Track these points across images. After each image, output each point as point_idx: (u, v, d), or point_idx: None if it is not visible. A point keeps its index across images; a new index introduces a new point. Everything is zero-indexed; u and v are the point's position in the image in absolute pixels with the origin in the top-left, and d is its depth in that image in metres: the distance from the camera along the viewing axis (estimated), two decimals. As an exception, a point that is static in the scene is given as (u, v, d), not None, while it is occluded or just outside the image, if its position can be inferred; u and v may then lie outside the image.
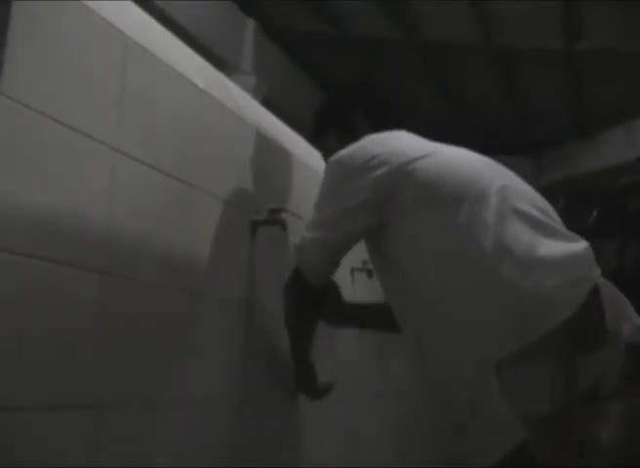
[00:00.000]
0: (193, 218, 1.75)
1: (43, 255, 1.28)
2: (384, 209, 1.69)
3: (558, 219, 1.71)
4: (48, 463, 1.27)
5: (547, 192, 1.92)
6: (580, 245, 1.60)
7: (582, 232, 1.71)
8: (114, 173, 1.47)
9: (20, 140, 1.25)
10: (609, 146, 5.09)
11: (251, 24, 4.24)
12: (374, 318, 2.20)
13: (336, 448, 2.47)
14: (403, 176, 1.68)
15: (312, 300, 1.88)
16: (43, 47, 1.31)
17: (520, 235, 1.57)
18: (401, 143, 1.79)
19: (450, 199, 1.64)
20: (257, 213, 2.02)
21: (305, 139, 2.56)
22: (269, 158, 2.14)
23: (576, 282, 1.53)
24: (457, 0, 4.12)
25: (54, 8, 1.34)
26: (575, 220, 1.70)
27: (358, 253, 2.73)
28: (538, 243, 1.56)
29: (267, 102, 2.72)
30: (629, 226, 1.80)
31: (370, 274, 2.76)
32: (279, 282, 1.95)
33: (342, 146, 1.85)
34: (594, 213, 2.68)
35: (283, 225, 2.01)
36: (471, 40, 4.52)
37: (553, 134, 5.65)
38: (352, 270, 2.72)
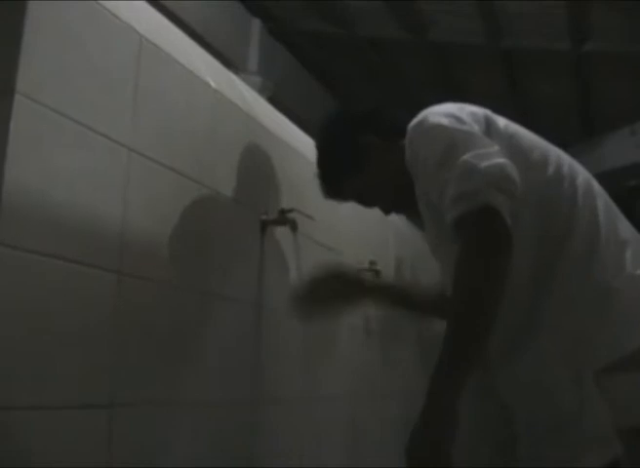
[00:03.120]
0: (205, 218, 1.75)
1: (58, 254, 1.28)
2: None
3: None
4: (61, 461, 1.27)
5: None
6: None
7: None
8: (129, 172, 1.47)
9: (36, 139, 1.26)
10: (614, 148, 5.08)
11: (257, 24, 4.23)
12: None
13: (343, 448, 2.47)
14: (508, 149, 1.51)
15: (509, 249, 1.34)
16: (59, 46, 1.32)
17: (627, 241, 1.55)
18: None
19: (552, 184, 1.55)
20: (266, 212, 2.03)
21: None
22: (279, 157, 2.14)
23: None
24: (463, 0, 4.11)
25: (70, 7, 1.34)
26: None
27: (365, 254, 2.74)
28: (638, 251, 1.55)
29: (273, 102, 2.71)
30: (638, 229, 1.79)
31: (377, 274, 2.76)
32: (289, 282, 1.95)
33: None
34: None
35: (293, 225, 2.01)
36: (477, 41, 4.52)
37: (558, 135, 5.65)
38: (359, 270, 2.71)
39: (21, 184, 1.21)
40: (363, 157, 1.71)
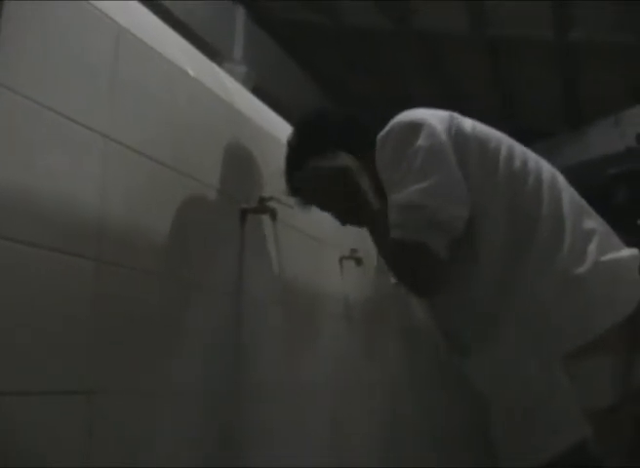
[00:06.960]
0: (184, 206, 1.75)
1: (36, 242, 1.29)
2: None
3: None
4: (42, 446, 1.29)
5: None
6: (634, 249, 1.65)
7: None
8: (106, 160, 1.48)
9: (14, 128, 1.26)
10: (597, 137, 5.12)
11: (241, 13, 4.24)
12: None
13: (326, 438, 2.48)
14: (470, 150, 1.62)
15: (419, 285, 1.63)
16: (37, 36, 1.32)
17: (593, 232, 1.60)
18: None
19: (519, 179, 1.62)
20: (246, 201, 2.03)
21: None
22: (259, 146, 2.15)
23: (636, 280, 1.59)
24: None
25: (47, -3, 1.35)
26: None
27: (347, 242, 2.75)
28: (605, 241, 1.61)
29: (257, 91, 2.73)
30: (617, 217, 1.81)
31: (358, 262, 2.78)
32: (269, 271, 1.96)
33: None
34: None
35: (273, 214, 2.03)
36: (462, 30, 4.53)
37: (542, 125, 5.67)
38: (341, 258, 2.73)
39: (-2, 172, 1.22)
40: None
